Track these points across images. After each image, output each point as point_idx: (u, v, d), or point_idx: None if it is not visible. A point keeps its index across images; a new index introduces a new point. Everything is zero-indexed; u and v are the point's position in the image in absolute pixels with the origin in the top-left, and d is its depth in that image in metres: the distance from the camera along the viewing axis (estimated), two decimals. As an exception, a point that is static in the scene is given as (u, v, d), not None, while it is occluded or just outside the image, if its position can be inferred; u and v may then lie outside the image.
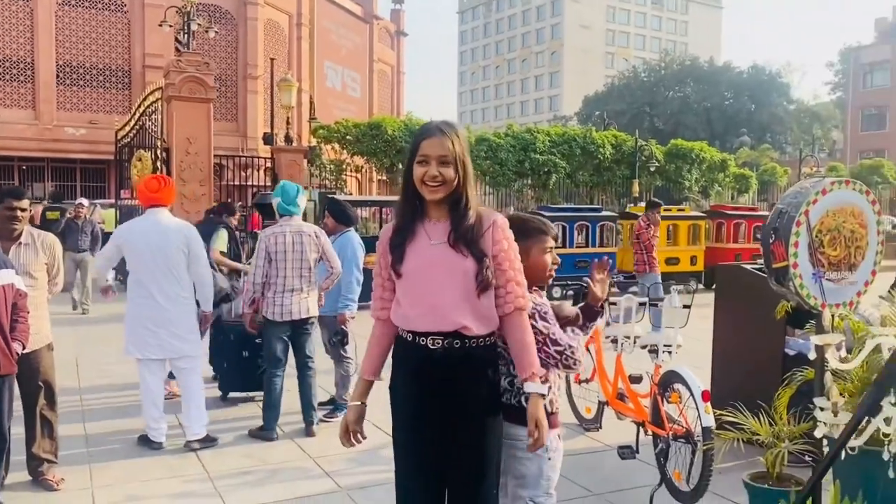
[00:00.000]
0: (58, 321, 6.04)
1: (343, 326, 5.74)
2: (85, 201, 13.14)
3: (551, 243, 2.76)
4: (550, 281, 2.85)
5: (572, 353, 2.59)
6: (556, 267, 2.77)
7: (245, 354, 6.13)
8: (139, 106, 15.47)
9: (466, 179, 2.38)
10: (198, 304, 5.18)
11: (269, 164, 17.05)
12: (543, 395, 2.41)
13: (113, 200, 19.51)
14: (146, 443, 5.09)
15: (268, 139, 18.73)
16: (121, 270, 5.96)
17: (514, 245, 2.45)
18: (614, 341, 5.02)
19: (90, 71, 30.37)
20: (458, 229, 2.36)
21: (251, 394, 6.25)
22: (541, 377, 2.43)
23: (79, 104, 30.28)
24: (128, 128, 16.07)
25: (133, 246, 5.01)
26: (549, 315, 2.63)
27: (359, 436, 2.53)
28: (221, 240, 7.06)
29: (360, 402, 2.54)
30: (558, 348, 2.57)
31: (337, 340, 5.77)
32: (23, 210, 4.37)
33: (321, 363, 5.84)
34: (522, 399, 2.50)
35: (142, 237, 5.01)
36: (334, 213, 6.11)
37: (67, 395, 6.49)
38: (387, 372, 2.56)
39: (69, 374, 7.33)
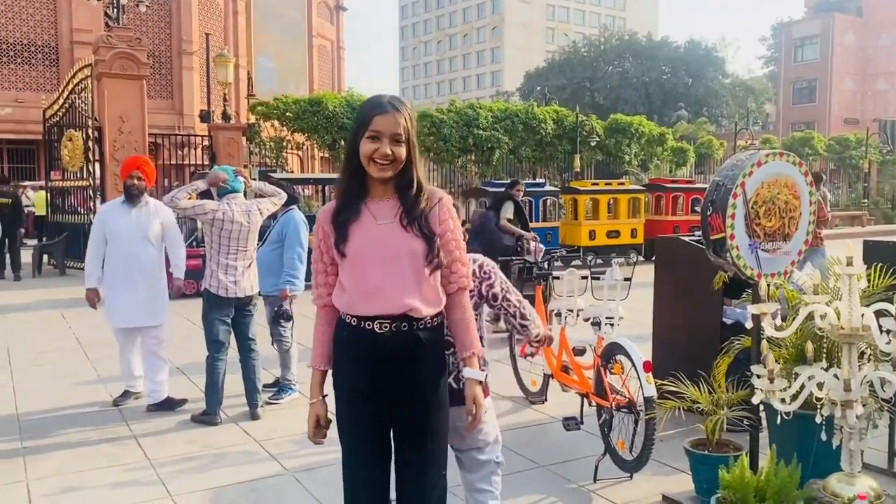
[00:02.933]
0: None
1: (284, 303, 5.66)
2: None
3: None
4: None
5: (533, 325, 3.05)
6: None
7: None
8: (68, 83, 14.85)
9: (415, 158, 2.32)
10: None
11: (206, 143, 16.61)
12: (480, 382, 2.41)
13: (43, 182, 18.79)
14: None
15: (205, 117, 18.25)
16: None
17: (458, 224, 2.42)
18: (558, 315, 5.07)
19: (14, 47, 29.03)
20: (410, 210, 2.29)
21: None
22: (479, 356, 2.44)
23: (3, 82, 28.96)
24: (56, 106, 15.43)
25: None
26: (502, 280, 2.95)
27: (325, 432, 2.43)
28: (508, 209, 8.84)
29: (320, 398, 2.42)
30: (524, 322, 2.98)
31: (279, 316, 5.69)
32: None
33: (266, 345, 5.76)
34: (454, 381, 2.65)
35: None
36: None
37: (-1, 386, 6.29)
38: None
39: (0, 361, 7.08)
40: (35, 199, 19.23)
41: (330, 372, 2.45)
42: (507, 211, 8.91)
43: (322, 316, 2.46)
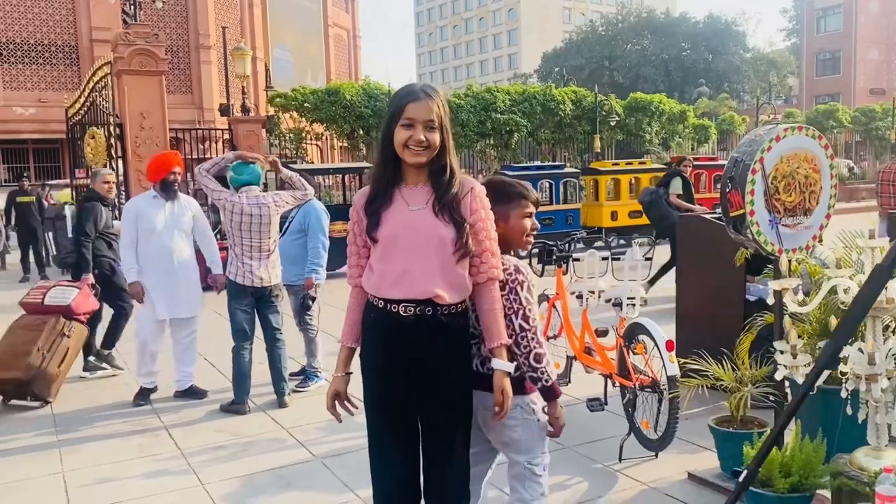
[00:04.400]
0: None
1: (310, 291, 5.72)
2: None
3: (531, 208, 2.68)
4: (529, 247, 2.80)
5: (533, 337, 2.48)
6: (535, 232, 2.69)
7: None
8: (88, 82, 15.01)
9: (449, 144, 2.35)
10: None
11: (227, 136, 16.73)
12: (508, 373, 2.40)
13: (68, 181, 19.04)
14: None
15: (224, 110, 18.35)
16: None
17: (490, 214, 2.43)
18: (579, 297, 5.06)
19: (35, 48, 29.37)
20: (442, 196, 2.32)
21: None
22: (508, 347, 2.43)
23: (26, 83, 29.33)
24: (78, 105, 15.61)
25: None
26: (531, 290, 2.56)
27: (348, 406, 2.50)
28: (676, 185, 9.30)
29: (343, 373, 2.50)
30: (525, 324, 2.48)
31: (304, 304, 5.75)
32: None
33: (292, 333, 5.82)
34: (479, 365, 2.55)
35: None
36: None
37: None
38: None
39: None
40: (59, 199, 19.47)
41: (358, 352, 2.49)
42: (675, 186, 9.33)
43: (354, 295, 2.51)
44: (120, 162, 13.97)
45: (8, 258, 15.40)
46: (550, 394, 2.54)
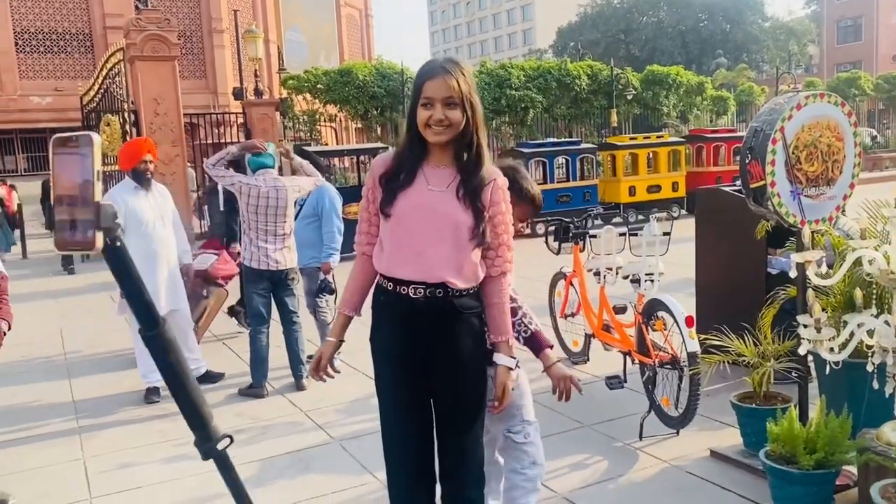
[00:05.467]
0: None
1: (327, 276, 5.69)
2: None
3: (532, 216, 2.76)
4: None
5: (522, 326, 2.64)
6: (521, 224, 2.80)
7: None
8: (101, 69, 15.03)
9: (476, 121, 2.25)
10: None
11: (241, 120, 16.72)
12: (510, 369, 2.37)
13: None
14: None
15: (238, 94, 18.31)
16: None
17: (510, 207, 2.37)
18: (597, 274, 5.00)
19: (49, 36, 29.52)
20: (468, 180, 2.25)
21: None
22: (512, 343, 2.40)
23: (42, 71, 29.51)
24: (92, 92, 15.66)
25: None
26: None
27: (330, 371, 2.48)
28: None
29: (336, 339, 2.46)
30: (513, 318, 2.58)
31: (321, 289, 5.73)
32: None
33: (307, 317, 5.81)
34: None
35: None
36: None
37: (54, 367, 6.47)
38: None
39: (54, 344, 7.29)
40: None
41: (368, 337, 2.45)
42: None
43: (359, 262, 2.45)
44: (136, 149, 13.99)
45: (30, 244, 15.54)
46: (536, 344, 2.52)
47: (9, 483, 3.97)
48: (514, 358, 2.41)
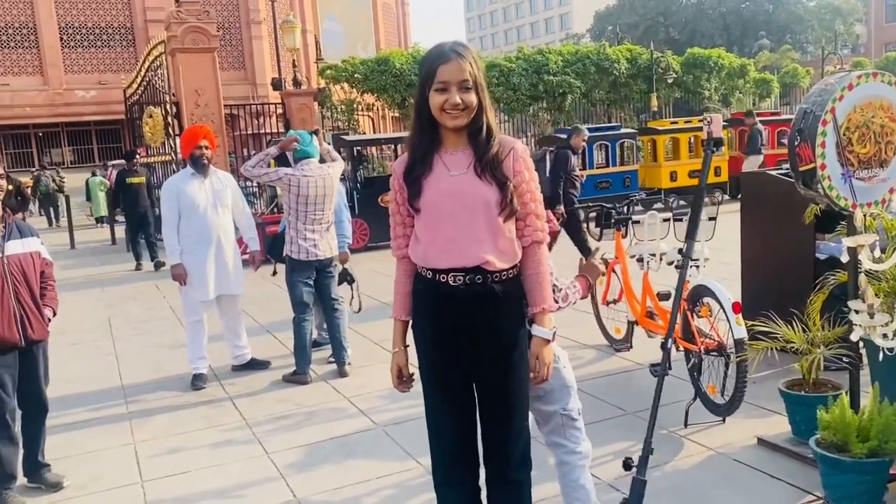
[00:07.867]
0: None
1: (347, 265, 5.76)
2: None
3: None
4: None
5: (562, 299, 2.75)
6: None
7: None
8: (143, 62, 15.27)
9: (486, 103, 2.26)
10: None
11: (280, 111, 16.85)
12: (548, 340, 2.36)
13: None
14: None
15: (276, 84, 18.47)
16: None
17: (534, 175, 2.35)
18: (640, 260, 4.95)
19: (93, 31, 30.10)
20: (482, 157, 2.25)
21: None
22: (551, 313, 2.38)
23: (86, 66, 30.13)
24: (135, 85, 15.93)
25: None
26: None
27: (410, 384, 2.50)
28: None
29: (401, 348, 2.47)
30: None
31: (342, 279, 5.80)
32: None
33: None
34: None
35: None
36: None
37: (103, 354, 6.63)
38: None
39: (103, 332, 7.46)
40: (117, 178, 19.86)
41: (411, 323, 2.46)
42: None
43: (401, 267, 2.46)
44: (177, 140, 14.22)
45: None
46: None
47: (64, 466, 4.08)
48: (552, 329, 2.38)
